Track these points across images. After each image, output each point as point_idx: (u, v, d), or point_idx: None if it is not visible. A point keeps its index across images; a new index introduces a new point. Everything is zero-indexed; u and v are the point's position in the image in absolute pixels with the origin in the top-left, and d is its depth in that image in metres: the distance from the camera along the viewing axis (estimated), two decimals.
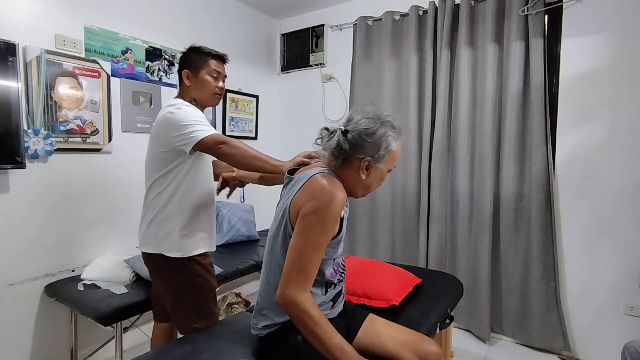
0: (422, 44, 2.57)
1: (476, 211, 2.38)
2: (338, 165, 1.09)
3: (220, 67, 1.53)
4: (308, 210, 0.98)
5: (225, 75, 1.56)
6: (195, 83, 1.48)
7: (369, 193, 1.15)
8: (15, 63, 1.66)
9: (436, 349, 1.18)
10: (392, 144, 1.07)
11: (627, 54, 2.00)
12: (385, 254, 2.74)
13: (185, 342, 1.25)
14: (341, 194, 1.00)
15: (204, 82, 1.48)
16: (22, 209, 1.80)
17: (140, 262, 1.91)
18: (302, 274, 0.97)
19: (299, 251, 0.98)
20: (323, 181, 1.01)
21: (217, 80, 1.51)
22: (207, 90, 1.49)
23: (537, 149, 2.17)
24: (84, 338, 2.00)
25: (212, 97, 1.52)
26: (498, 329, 2.39)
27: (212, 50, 1.51)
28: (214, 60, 1.50)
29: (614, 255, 2.08)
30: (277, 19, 3.30)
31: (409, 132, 2.59)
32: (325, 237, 0.99)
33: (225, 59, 1.56)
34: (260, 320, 1.12)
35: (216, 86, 1.50)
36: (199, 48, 1.51)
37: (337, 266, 1.12)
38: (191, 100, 1.49)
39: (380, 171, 1.09)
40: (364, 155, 1.05)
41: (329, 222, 0.98)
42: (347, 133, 1.06)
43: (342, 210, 1.01)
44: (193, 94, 1.49)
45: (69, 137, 1.94)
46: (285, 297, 0.97)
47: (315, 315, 0.96)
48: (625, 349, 1.47)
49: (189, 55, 1.51)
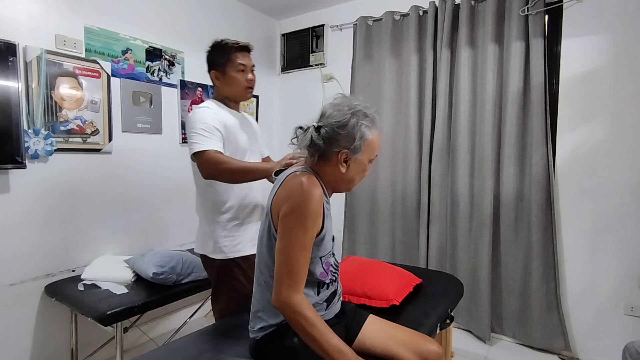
0: (422, 44, 2.57)
1: (476, 211, 2.37)
2: (315, 162, 1.08)
3: (246, 58, 1.48)
4: (286, 211, 0.98)
5: (254, 65, 1.51)
6: (224, 81, 1.47)
7: (353, 186, 1.14)
8: (16, 63, 1.67)
9: (437, 348, 1.18)
10: (367, 132, 1.05)
11: (628, 54, 2.00)
12: (385, 254, 2.74)
13: (186, 342, 1.25)
14: (317, 190, 0.99)
15: (232, 79, 1.46)
16: (23, 209, 1.80)
17: (140, 262, 1.92)
18: (292, 275, 0.97)
19: (285, 253, 0.98)
20: (297, 180, 1.01)
21: (245, 73, 1.47)
22: (237, 87, 1.47)
23: (538, 149, 2.17)
24: (84, 338, 1.99)
25: (243, 92, 1.50)
26: (498, 329, 2.39)
27: (234, 43, 1.46)
28: (237, 53, 1.46)
29: (614, 256, 2.08)
30: (277, 19, 3.30)
31: (409, 132, 2.60)
32: (309, 235, 0.99)
33: (249, 48, 1.51)
34: (256, 323, 1.12)
35: (245, 79, 1.47)
36: (220, 44, 1.47)
37: (327, 265, 1.11)
38: (224, 99, 1.50)
39: (360, 162, 1.08)
40: (340, 148, 1.04)
41: (309, 220, 0.98)
42: (320, 129, 1.04)
43: (321, 206, 1.01)
44: (225, 93, 1.49)
45: (69, 137, 1.94)
46: (280, 300, 0.97)
47: (311, 317, 0.96)
48: (625, 350, 1.46)
49: (213, 54, 1.48)
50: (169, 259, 1.90)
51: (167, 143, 2.44)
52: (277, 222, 1.02)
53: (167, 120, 2.43)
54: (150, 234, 2.36)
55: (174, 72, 2.47)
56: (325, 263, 1.11)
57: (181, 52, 2.50)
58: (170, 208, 2.47)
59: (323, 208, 1.03)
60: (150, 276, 1.82)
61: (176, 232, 2.52)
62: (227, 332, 1.31)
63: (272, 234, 1.06)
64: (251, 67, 1.50)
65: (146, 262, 1.88)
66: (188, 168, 1.54)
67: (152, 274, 1.81)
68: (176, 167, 2.47)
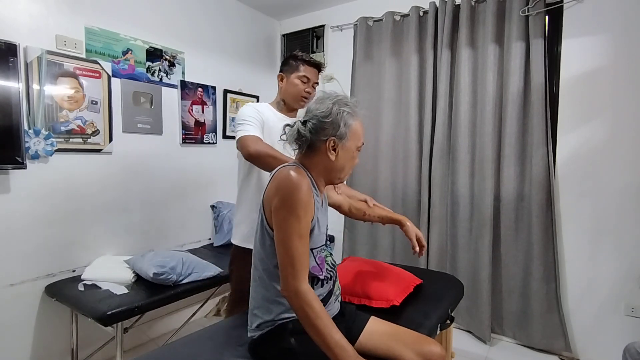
0: (423, 45, 2.57)
1: (477, 212, 2.37)
2: (305, 155, 1.12)
3: (312, 73, 1.61)
4: (277, 204, 1.02)
5: (317, 82, 1.65)
6: (286, 85, 1.60)
7: (345, 176, 1.17)
8: (16, 63, 1.67)
9: (440, 350, 1.18)
10: (349, 119, 1.09)
11: (628, 54, 2.00)
12: (385, 254, 2.74)
13: (186, 342, 1.25)
14: (305, 180, 1.03)
15: (292, 84, 1.59)
16: (23, 210, 1.80)
17: (140, 262, 1.92)
18: (295, 264, 0.99)
19: (284, 245, 1.01)
20: (285, 172, 1.05)
21: (306, 85, 1.60)
22: (293, 93, 1.59)
23: (538, 150, 2.17)
24: (84, 338, 1.99)
25: (297, 99, 1.61)
26: (499, 330, 2.39)
27: (308, 58, 1.61)
28: (306, 66, 1.59)
29: (615, 256, 2.08)
30: (277, 19, 3.31)
31: (409, 132, 2.60)
32: (304, 224, 1.01)
33: (320, 68, 1.65)
34: (253, 321, 1.14)
35: (303, 90, 1.59)
36: (297, 54, 1.61)
37: (320, 260, 1.12)
38: (280, 101, 1.63)
39: (348, 149, 1.11)
40: (327, 136, 1.08)
41: (300, 209, 1.00)
42: (307, 122, 1.09)
43: (310, 195, 1.03)
44: (283, 95, 1.62)
45: (69, 137, 1.94)
46: (289, 290, 1.00)
47: (317, 308, 0.98)
48: (626, 351, 1.46)
49: (288, 60, 1.62)
50: (170, 259, 1.90)
51: (167, 143, 2.44)
52: (269, 216, 1.05)
53: (167, 121, 2.43)
54: (150, 234, 2.36)
55: (175, 73, 2.47)
56: (319, 257, 1.12)
57: (182, 53, 2.50)
58: (170, 208, 2.47)
59: (314, 200, 1.06)
60: (151, 276, 1.82)
61: (176, 233, 2.52)
62: (227, 332, 1.31)
63: (264, 228, 1.09)
64: (313, 83, 1.63)
65: (146, 263, 1.88)
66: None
67: (153, 274, 1.81)
68: (177, 167, 2.47)
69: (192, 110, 2.58)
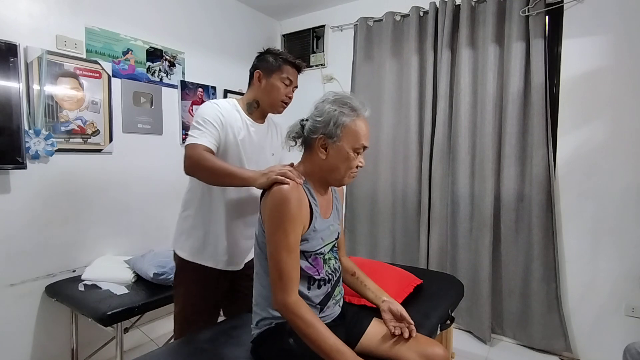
0: (423, 45, 2.57)
1: (477, 212, 2.37)
2: (304, 153, 1.15)
3: (294, 75, 1.46)
4: (267, 217, 1.04)
5: (296, 86, 1.49)
6: (265, 86, 1.42)
7: (343, 179, 1.12)
8: (17, 64, 1.67)
9: (442, 352, 1.17)
10: (342, 118, 1.07)
11: (628, 55, 2.00)
12: (385, 254, 2.74)
13: (187, 342, 1.25)
14: (295, 194, 1.03)
15: (274, 87, 1.41)
16: (23, 210, 1.80)
17: (140, 262, 1.92)
18: (283, 278, 1.01)
19: (273, 258, 1.02)
20: (277, 186, 1.04)
21: (287, 88, 1.44)
22: (274, 96, 1.42)
23: (538, 150, 2.17)
24: (84, 338, 2.00)
25: (277, 104, 1.45)
26: (499, 330, 2.39)
27: (290, 58, 1.44)
28: (289, 67, 1.43)
29: (615, 256, 2.07)
30: (277, 19, 3.31)
31: (409, 133, 2.60)
32: (293, 238, 1.02)
33: (301, 69, 1.48)
34: (254, 318, 1.16)
35: (285, 94, 1.44)
36: (276, 51, 1.45)
37: (314, 261, 1.11)
38: (253, 101, 1.44)
39: (339, 149, 1.07)
40: (317, 134, 1.09)
41: (287, 223, 1.01)
42: (305, 122, 1.13)
43: (301, 208, 1.03)
44: (258, 96, 1.44)
45: (69, 137, 1.94)
46: (277, 304, 1.02)
47: (307, 317, 0.99)
48: (626, 351, 1.46)
49: (266, 56, 1.44)
50: (169, 260, 1.89)
51: (167, 143, 2.44)
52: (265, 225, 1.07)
53: (167, 121, 2.43)
54: (150, 235, 2.36)
55: (175, 73, 2.47)
56: (312, 258, 1.11)
57: (182, 53, 2.50)
58: (170, 208, 2.46)
59: (311, 209, 1.07)
60: (151, 277, 1.82)
61: None
62: (228, 332, 1.31)
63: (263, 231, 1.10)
64: (294, 86, 1.48)
65: (146, 263, 1.88)
66: None
67: (153, 274, 1.82)
68: (177, 167, 2.45)
69: (192, 110, 2.58)
